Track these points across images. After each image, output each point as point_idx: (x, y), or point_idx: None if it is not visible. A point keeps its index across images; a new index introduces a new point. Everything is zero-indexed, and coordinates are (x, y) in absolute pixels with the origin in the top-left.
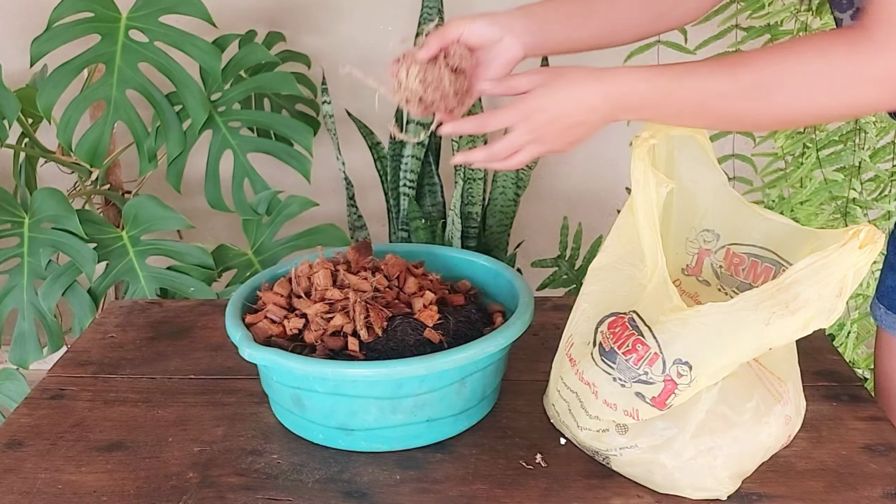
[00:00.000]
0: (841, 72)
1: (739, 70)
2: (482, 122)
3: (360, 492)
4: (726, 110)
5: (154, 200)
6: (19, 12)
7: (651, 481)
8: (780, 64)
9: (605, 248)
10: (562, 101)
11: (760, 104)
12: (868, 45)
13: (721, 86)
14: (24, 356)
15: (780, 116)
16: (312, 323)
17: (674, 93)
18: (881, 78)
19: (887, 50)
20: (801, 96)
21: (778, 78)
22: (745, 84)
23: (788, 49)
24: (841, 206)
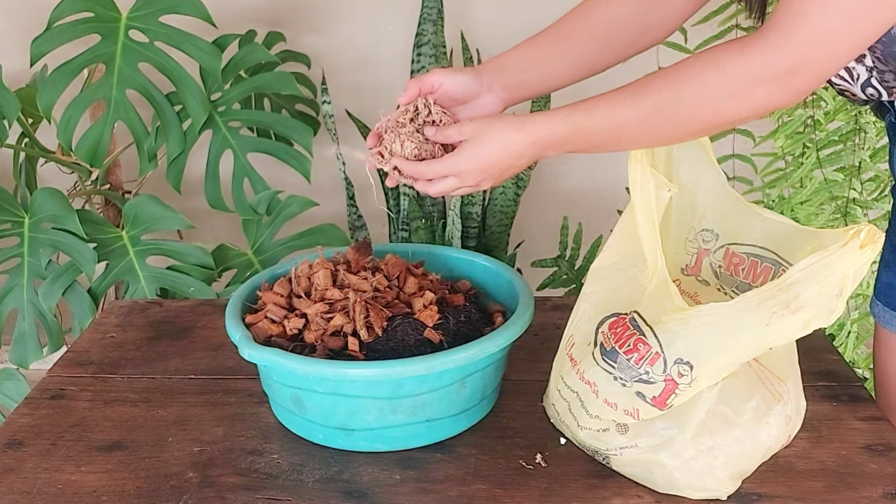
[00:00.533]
0: (734, 78)
1: (641, 95)
2: (417, 170)
3: (360, 492)
4: (636, 134)
5: (154, 200)
6: (19, 12)
7: (651, 481)
8: (676, 82)
9: (606, 249)
10: (491, 152)
11: (665, 123)
12: (760, 48)
13: (626, 113)
14: (24, 356)
15: (686, 130)
16: (312, 323)
17: (586, 127)
18: (775, 77)
19: (780, 51)
20: (702, 108)
21: (675, 96)
22: (647, 107)
23: (685, 66)
24: (841, 205)
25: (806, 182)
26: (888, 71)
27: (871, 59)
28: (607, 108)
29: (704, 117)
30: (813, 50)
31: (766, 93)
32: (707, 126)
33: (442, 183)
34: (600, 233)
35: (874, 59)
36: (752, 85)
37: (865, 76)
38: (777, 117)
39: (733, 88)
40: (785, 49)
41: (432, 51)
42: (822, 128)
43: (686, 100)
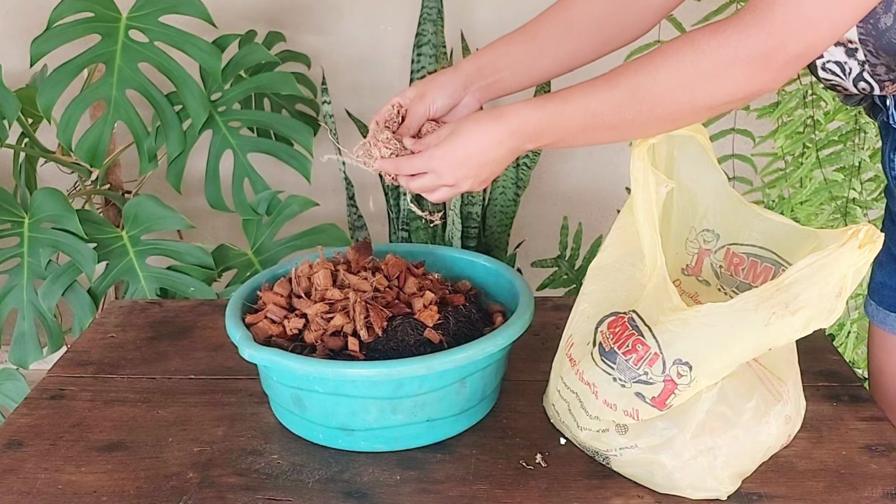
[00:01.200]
0: (709, 58)
1: (617, 79)
2: (397, 165)
3: (361, 492)
4: (613, 120)
5: (154, 200)
6: (19, 12)
7: (651, 481)
8: (651, 64)
9: (605, 248)
10: (467, 144)
11: (641, 106)
12: (736, 28)
13: (602, 97)
14: (24, 356)
15: (663, 114)
16: (312, 323)
17: (563, 114)
18: (751, 58)
19: (755, 31)
20: (677, 88)
21: (651, 77)
22: (623, 90)
23: (661, 48)
24: (841, 206)
25: (806, 182)
26: (880, 64)
27: (864, 52)
28: (584, 94)
29: (681, 99)
30: (788, 32)
31: (743, 74)
32: (685, 110)
33: (420, 180)
34: (600, 233)
35: (866, 52)
36: (727, 65)
37: (857, 70)
38: (777, 117)
39: (708, 68)
40: (760, 30)
41: (432, 51)
42: (821, 128)
43: (661, 80)
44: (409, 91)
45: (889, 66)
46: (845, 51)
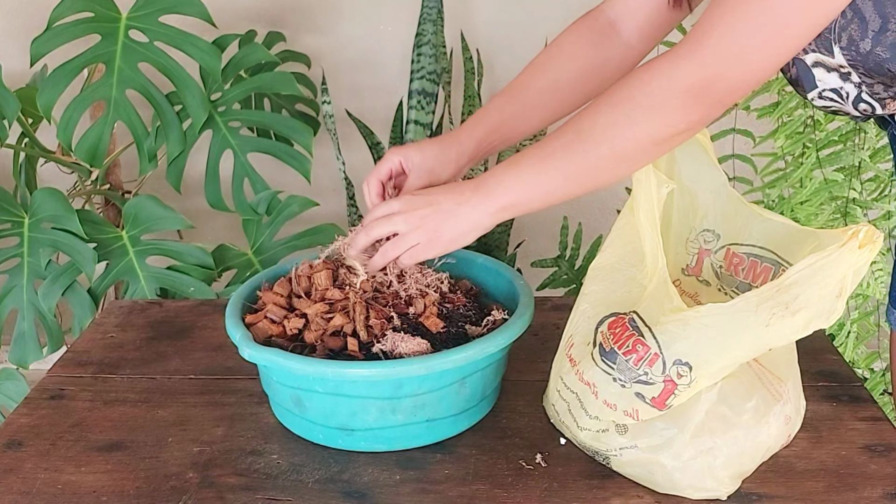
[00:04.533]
0: (643, 92)
1: (566, 125)
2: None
3: (360, 492)
4: (562, 164)
5: (154, 200)
6: (19, 12)
7: (651, 481)
8: (592, 105)
9: (605, 249)
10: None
11: (585, 146)
12: (668, 60)
13: (552, 144)
14: (23, 356)
15: (610, 153)
16: (312, 323)
17: (518, 163)
18: (684, 89)
19: (685, 62)
20: (616, 124)
21: (591, 117)
22: (569, 134)
23: (605, 92)
24: (841, 206)
25: (806, 182)
26: (876, 83)
27: (857, 75)
28: (539, 144)
29: (622, 135)
30: (720, 64)
31: (679, 104)
32: (629, 145)
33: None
34: (600, 233)
35: (859, 75)
36: (662, 96)
37: (855, 92)
38: (777, 117)
39: (643, 100)
40: (690, 61)
41: (432, 51)
42: (821, 128)
43: (600, 118)
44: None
45: (885, 83)
46: (839, 76)
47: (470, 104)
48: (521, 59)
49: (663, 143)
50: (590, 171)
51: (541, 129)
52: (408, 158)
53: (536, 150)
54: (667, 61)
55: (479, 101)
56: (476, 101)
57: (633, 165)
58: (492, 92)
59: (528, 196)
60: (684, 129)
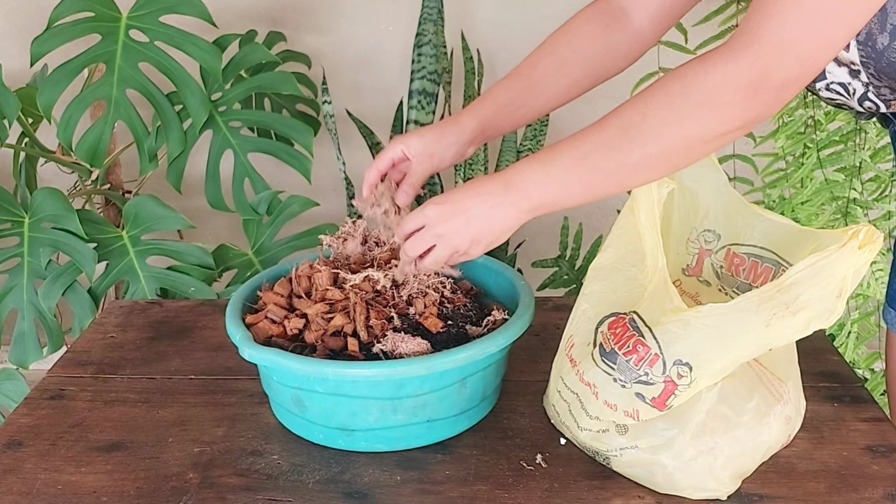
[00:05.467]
0: (697, 88)
1: (607, 121)
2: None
3: (361, 492)
4: (605, 162)
5: (154, 200)
6: (20, 11)
7: (651, 482)
8: (640, 101)
9: (605, 249)
10: (462, 194)
11: (632, 144)
12: (723, 56)
13: (592, 140)
14: (24, 356)
15: (658, 152)
16: (313, 323)
17: (553, 159)
18: (741, 85)
19: (742, 56)
20: (667, 121)
21: (640, 114)
22: (613, 130)
23: (650, 87)
24: (841, 206)
25: (806, 182)
26: (884, 86)
27: (866, 74)
28: (575, 138)
29: (673, 133)
30: (776, 56)
31: (735, 101)
32: (678, 144)
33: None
34: (600, 233)
35: (868, 74)
36: (717, 93)
37: (862, 90)
38: (777, 118)
39: (697, 98)
40: (746, 55)
41: (433, 51)
42: (822, 128)
43: (650, 115)
44: (414, 142)
45: (892, 87)
46: (849, 72)
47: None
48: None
49: (714, 141)
50: (634, 169)
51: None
52: (409, 146)
53: (575, 146)
54: (720, 56)
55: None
56: None
57: (678, 164)
58: None
59: (566, 194)
60: (738, 126)
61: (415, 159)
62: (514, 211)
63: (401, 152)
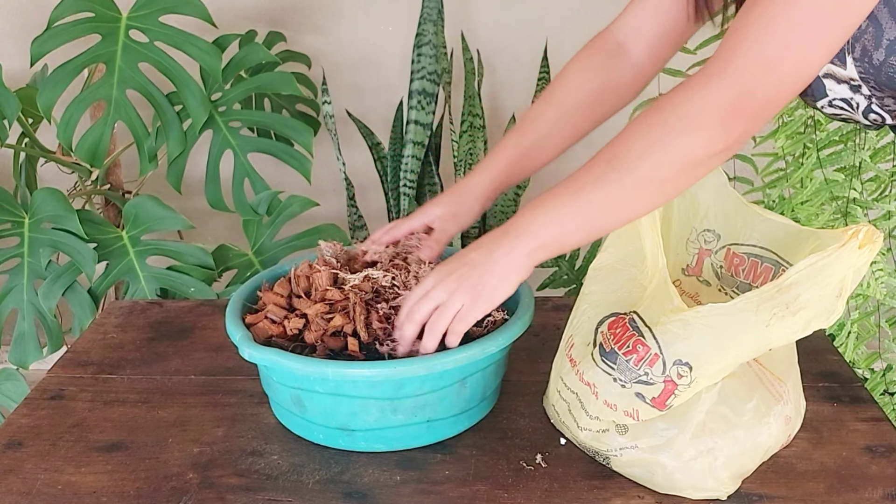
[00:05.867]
0: (675, 114)
1: (596, 157)
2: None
3: (361, 492)
4: (595, 195)
5: (154, 200)
6: (20, 12)
7: (651, 482)
8: (624, 133)
9: (605, 249)
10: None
11: (618, 174)
12: (699, 81)
13: (582, 176)
14: (24, 356)
15: (642, 178)
16: (312, 323)
17: (547, 200)
18: (719, 108)
19: (716, 80)
20: (649, 148)
21: (623, 144)
22: (600, 164)
23: (633, 120)
24: (841, 206)
25: (806, 182)
26: (886, 97)
27: (867, 88)
28: (568, 179)
29: (658, 159)
30: (753, 77)
31: (714, 125)
32: (666, 171)
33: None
34: None
35: (870, 88)
36: (696, 117)
37: (865, 103)
38: (777, 118)
39: (676, 122)
40: (722, 78)
41: (433, 51)
42: (822, 128)
43: (634, 144)
44: (434, 209)
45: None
46: (849, 87)
47: (470, 104)
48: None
49: (701, 165)
50: (626, 199)
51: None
52: (430, 214)
53: (567, 186)
54: (697, 81)
55: (479, 100)
56: (476, 101)
57: (673, 190)
58: (492, 92)
59: (562, 231)
60: (722, 148)
61: (439, 222)
62: (514, 254)
63: (422, 224)
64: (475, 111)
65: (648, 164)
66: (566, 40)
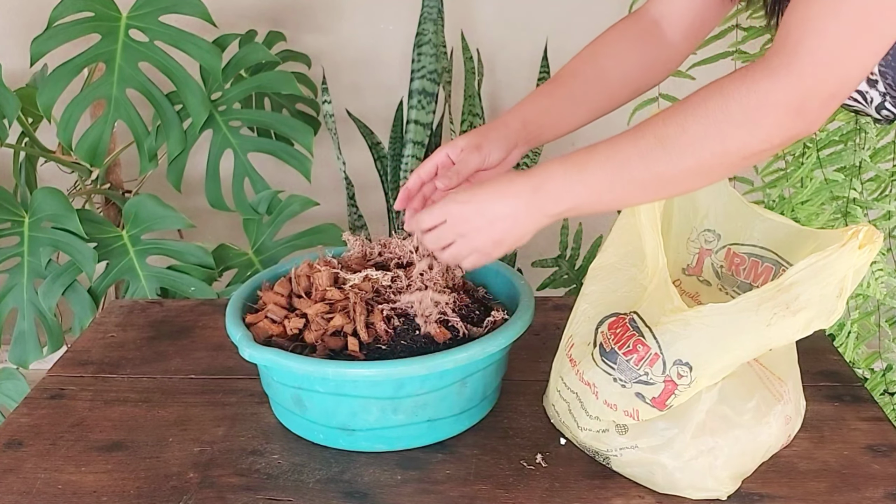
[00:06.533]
0: (739, 105)
1: (644, 130)
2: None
3: (361, 492)
4: (640, 173)
5: (154, 200)
6: (20, 11)
7: (651, 482)
8: (680, 113)
9: (605, 249)
10: (489, 193)
11: (670, 156)
12: (764, 73)
13: (628, 149)
14: (24, 356)
15: (695, 166)
16: (313, 323)
17: (587, 167)
18: (783, 104)
19: (783, 75)
20: (707, 137)
21: (679, 125)
22: (650, 140)
23: (689, 98)
24: (841, 206)
25: (806, 182)
26: None
27: (884, 84)
28: (609, 146)
29: (712, 148)
30: (818, 75)
31: (777, 121)
32: (716, 161)
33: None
34: (600, 233)
35: (886, 84)
36: (758, 112)
37: (879, 100)
38: None
39: (739, 115)
40: (788, 73)
41: (433, 50)
42: (822, 128)
43: (690, 129)
44: (459, 141)
45: None
46: (867, 81)
47: (470, 104)
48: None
49: (752, 158)
50: (667, 182)
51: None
52: (454, 146)
53: (608, 153)
54: (762, 72)
55: (479, 100)
56: (476, 100)
57: (713, 178)
58: (492, 92)
59: (596, 201)
60: (778, 143)
61: (463, 153)
62: (540, 215)
63: (445, 156)
64: (475, 111)
65: (703, 153)
66: (566, 40)
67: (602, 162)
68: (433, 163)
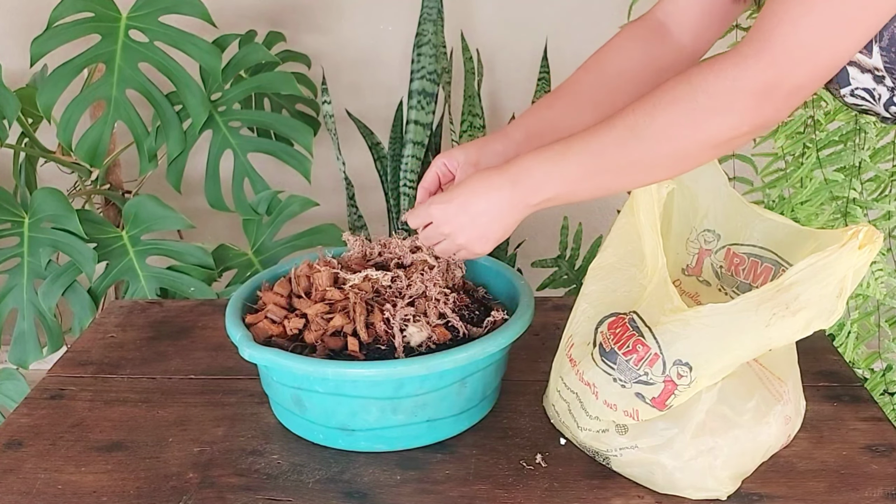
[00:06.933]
0: (707, 93)
1: (616, 120)
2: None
3: (361, 492)
4: (614, 161)
5: (154, 200)
6: (20, 11)
7: (651, 482)
8: (649, 102)
9: (605, 249)
10: (468, 190)
11: (641, 144)
12: (734, 61)
13: (602, 139)
14: (24, 356)
15: (668, 153)
16: (313, 323)
17: (564, 159)
18: (751, 91)
19: (752, 62)
20: (676, 124)
21: (649, 115)
22: (622, 130)
23: (659, 88)
24: (841, 206)
25: (806, 182)
26: None
27: (891, 80)
28: (584, 137)
29: (683, 135)
30: (788, 63)
31: (744, 107)
32: (689, 147)
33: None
34: (600, 233)
35: (893, 80)
36: (726, 98)
37: (888, 96)
38: None
39: (706, 102)
40: (758, 61)
41: (432, 51)
42: (822, 128)
43: (659, 117)
44: (458, 155)
45: None
46: (873, 77)
47: (470, 104)
48: (521, 59)
49: (723, 145)
50: (643, 169)
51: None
52: (451, 158)
53: (583, 144)
54: (730, 61)
55: (478, 100)
56: (476, 100)
57: (689, 165)
58: (492, 92)
59: (573, 189)
60: (747, 131)
61: (459, 169)
62: (522, 207)
63: (443, 166)
64: (475, 111)
65: (673, 140)
66: (566, 40)
67: (578, 152)
68: (433, 173)
